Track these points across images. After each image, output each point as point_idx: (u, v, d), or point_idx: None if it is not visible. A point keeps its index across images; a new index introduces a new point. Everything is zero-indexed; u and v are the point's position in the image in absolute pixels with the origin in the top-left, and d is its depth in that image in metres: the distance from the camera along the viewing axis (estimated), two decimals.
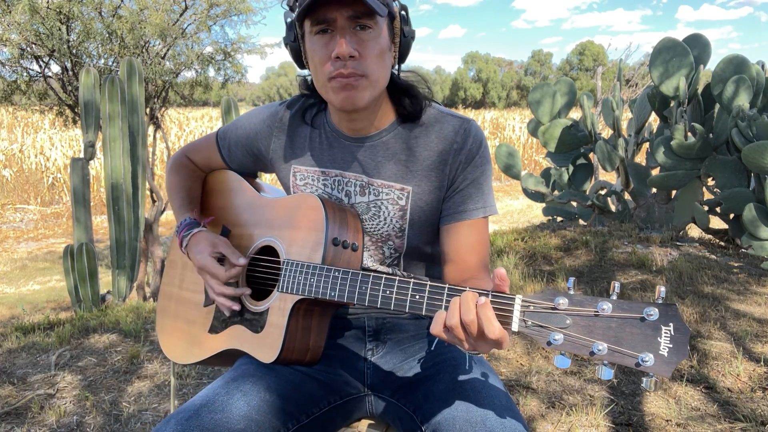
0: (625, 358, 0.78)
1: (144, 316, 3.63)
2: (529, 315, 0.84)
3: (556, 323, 0.82)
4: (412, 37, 1.15)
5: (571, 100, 5.43)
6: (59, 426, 2.24)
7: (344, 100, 1.07)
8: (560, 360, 0.83)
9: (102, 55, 6.72)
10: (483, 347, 0.87)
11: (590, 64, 62.43)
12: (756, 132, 3.99)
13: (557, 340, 0.81)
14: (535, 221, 7.06)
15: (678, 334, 0.77)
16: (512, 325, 0.84)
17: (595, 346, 0.79)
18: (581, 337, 0.80)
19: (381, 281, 0.98)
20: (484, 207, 1.17)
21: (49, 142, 16.54)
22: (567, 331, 0.81)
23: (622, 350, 0.78)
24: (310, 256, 1.10)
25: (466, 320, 0.85)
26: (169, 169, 1.43)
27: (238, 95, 35.52)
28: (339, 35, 1.03)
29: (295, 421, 1.07)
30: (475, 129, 1.17)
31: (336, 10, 1.02)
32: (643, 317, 0.78)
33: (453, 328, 0.87)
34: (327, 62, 1.05)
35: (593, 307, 0.80)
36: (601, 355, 0.79)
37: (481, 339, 0.86)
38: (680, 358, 0.76)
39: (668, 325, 0.77)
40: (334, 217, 1.12)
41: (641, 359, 0.77)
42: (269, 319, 1.13)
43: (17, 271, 8.62)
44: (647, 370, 0.77)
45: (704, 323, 3.03)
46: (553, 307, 0.82)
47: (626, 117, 6.20)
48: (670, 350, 0.77)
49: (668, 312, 0.78)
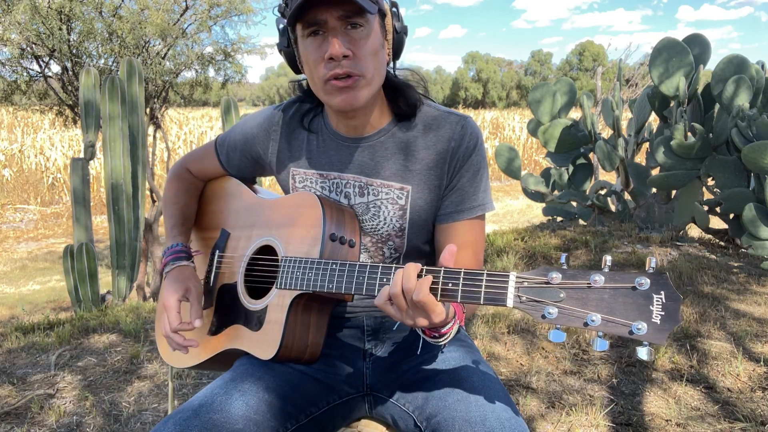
0: (618, 328, 0.79)
1: (144, 316, 3.63)
2: (524, 290, 0.85)
3: (550, 297, 0.83)
4: (405, 33, 1.15)
5: (571, 100, 5.43)
6: (59, 426, 2.24)
7: (342, 102, 1.07)
8: (555, 334, 0.84)
9: (102, 55, 6.73)
10: (419, 319, 0.91)
11: (590, 64, 62.42)
12: (756, 132, 3.99)
13: (551, 313, 0.82)
14: (535, 221, 7.06)
15: (669, 302, 0.78)
16: (507, 300, 0.86)
17: (588, 317, 0.80)
18: (575, 309, 0.82)
19: (378, 271, 0.98)
20: (482, 204, 1.18)
21: (49, 142, 16.54)
22: (561, 305, 0.82)
23: (615, 320, 0.79)
24: (308, 251, 1.10)
25: (405, 288, 0.90)
26: (168, 181, 1.45)
27: (238, 95, 35.51)
28: (331, 36, 1.03)
29: (294, 421, 1.07)
30: (472, 126, 1.17)
31: (326, 11, 1.02)
32: (634, 287, 0.79)
33: (395, 296, 0.91)
34: (321, 64, 1.05)
35: (586, 280, 0.82)
36: (594, 326, 0.80)
37: (416, 308, 0.90)
38: (673, 325, 0.77)
39: (659, 293, 0.78)
40: (332, 213, 1.12)
41: (634, 327, 0.78)
42: (268, 317, 1.14)
43: (17, 271, 8.62)
44: (641, 338, 0.78)
45: (704, 323, 3.03)
46: (546, 282, 0.84)
47: (626, 117, 6.20)
48: (663, 317, 0.77)
49: (659, 280, 0.78)
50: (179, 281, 1.25)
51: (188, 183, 1.44)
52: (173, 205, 1.40)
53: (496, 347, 2.81)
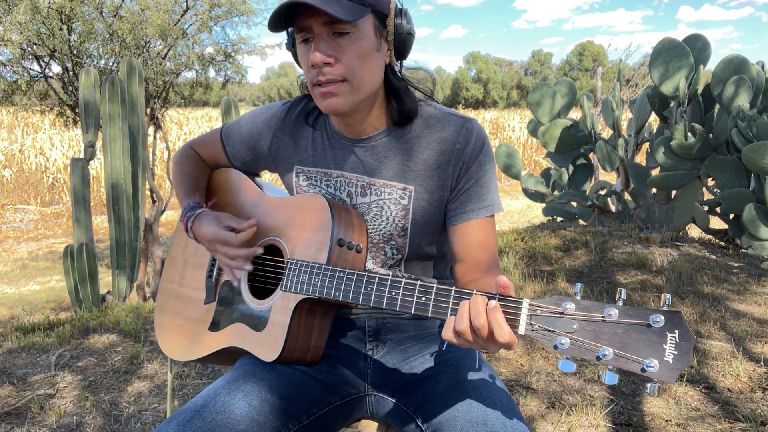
0: (630, 364, 0.79)
1: (144, 316, 3.63)
2: (536, 319, 0.85)
3: (562, 327, 0.83)
4: (410, 33, 1.13)
5: (571, 101, 5.43)
6: (59, 426, 2.24)
7: (326, 106, 1.09)
8: (565, 364, 0.84)
9: (103, 55, 6.72)
10: (492, 348, 0.89)
11: (590, 65, 62.43)
12: (756, 132, 3.99)
13: (564, 344, 0.82)
14: (535, 221, 7.06)
15: (683, 341, 0.78)
16: (519, 328, 0.85)
17: (601, 351, 0.80)
18: (588, 342, 0.81)
19: (387, 282, 0.98)
20: (491, 205, 1.17)
21: (49, 142, 16.54)
22: (573, 336, 0.82)
23: (627, 356, 0.79)
24: (315, 256, 1.10)
25: (476, 325, 0.86)
26: (176, 160, 1.43)
27: (239, 95, 35.48)
28: (314, 43, 1.05)
29: (295, 421, 1.07)
30: (477, 128, 1.17)
31: (311, 18, 1.03)
32: (649, 324, 0.79)
33: (463, 333, 0.88)
34: (308, 69, 1.08)
35: (600, 313, 0.81)
36: (606, 360, 0.80)
37: (490, 342, 0.87)
38: (684, 365, 0.77)
39: (674, 332, 0.78)
40: (340, 217, 1.12)
41: (647, 365, 0.78)
42: (271, 318, 1.13)
43: (17, 271, 8.62)
44: (652, 375, 0.78)
45: (704, 323, 3.03)
46: (560, 312, 0.83)
47: (626, 117, 6.21)
48: (675, 357, 0.77)
49: (674, 319, 0.78)
50: (206, 218, 1.22)
51: (196, 161, 1.42)
52: (185, 177, 1.38)
53: None
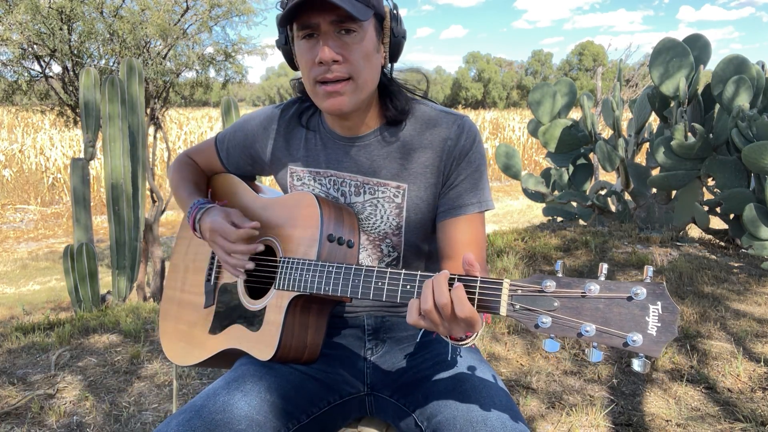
0: (613, 339, 0.77)
1: (144, 316, 3.63)
2: (517, 299, 0.83)
3: (543, 306, 0.81)
4: (404, 36, 1.15)
5: (571, 101, 5.43)
6: (59, 426, 2.24)
7: (330, 105, 1.09)
8: (549, 344, 0.82)
9: (103, 55, 6.73)
10: (456, 330, 0.89)
11: (590, 65, 62.42)
12: (756, 132, 3.99)
13: (545, 323, 0.80)
14: (535, 221, 7.06)
15: (666, 313, 0.75)
16: (500, 309, 0.84)
17: (583, 327, 0.78)
18: (569, 319, 0.79)
19: (373, 273, 0.99)
20: (480, 202, 1.18)
21: (50, 142, 16.55)
22: (555, 314, 0.80)
23: (610, 330, 0.77)
24: (305, 252, 1.10)
25: (440, 303, 0.86)
26: (173, 169, 1.44)
27: (239, 95, 35.47)
28: (322, 40, 1.04)
29: (295, 421, 1.07)
30: (469, 125, 1.18)
31: (319, 15, 1.03)
32: (630, 296, 0.77)
33: (428, 313, 0.88)
34: (312, 66, 1.07)
35: (580, 289, 0.79)
36: (588, 337, 0.78)
37: (453, 321, 0.87)
38: (669, 338, 0.74)
39: (656, 304, 0.76)
40: (329, 214, 1.13)
41: (629, 339, 0.76)
42: (266, 317, 1.14)
43: (17, 271, 8.62)
44: (636, 350, 0.76)
45: (704, 323, 3.03)
46: (540, 290, 0.82)
47: (626, 117, 6.21)
48: (659, 329, 0.75)
49: (656, 291, 0.76)
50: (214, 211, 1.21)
51: (193, 167, 1.44)
52: (184, 182, 1.38)
53: (496, 347, 2.81)
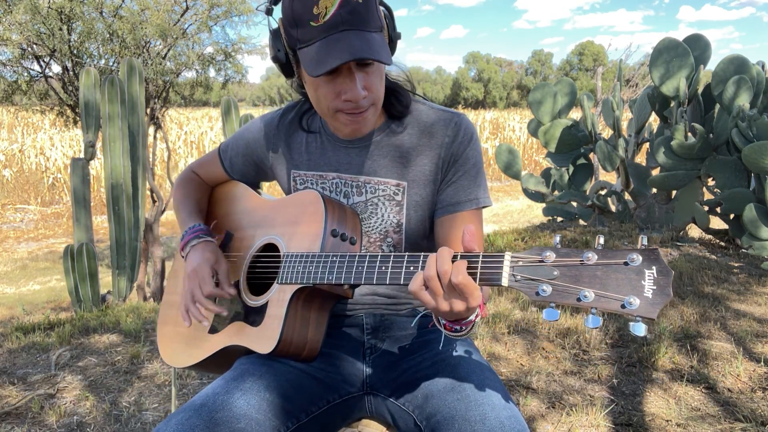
0: (610, 303, 0.80)
1: (144, 316, 3.63)
2: (518, 269, 0.86)
3: (544, 275, 0.84)
4: (399, 38, 1.16)
5: (571, 101, 5.43)
6: (59, 426, 2.24)
7: (352, 132, 1.12)
8: (549, 312, 0.85)
9: (103, 55, 6.73)
10: (457, 303, 0.89)
11: (590, 65, 62.45)
12: (756, 132, 3.99)
13: (545, 290, 0.83)
14: (536, 221, 7.06)
15: (661, 276, 0.78)
16: (502, 279, 0.87)
17: (581, 293, 0.81)
18: (568, 286, 0.82)
19: (377, 258, 1.00)
20: (477, 199, 1.19)
21: (50, 142, 16.56)
22: (555, 282, 0.83)
23: (607, 295, 0.80)
24: (309, 246, 1.11)
25: (441, 270, 0.88)
26: (177, 184, 1.47)
27: (239, 95, 35.49)
28: (349, 79, 1.04)
29: (294, 419, 1.07)
30: (465, 123, 1.19)
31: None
32: (626, 262, 0.80)
33: (430, 280, 0.89)
34: (334, 98, 1.06)
35: (579, 257, 0.83)
36: (587, 302, 0.81)
37: (453, 291, 0.88)
38: (664, 299, 0.77)
39: (651, 268, 0.79)
40: (333, 209, 1.14)
41: (626, 302, 0.78)
42: (268, 311, 1.14)
43: (17, 271, 8.62)
44: (633, 312, 0.78)
45: (704, 323, 3.03)
46: (540, 260, 0.85)
47: (626, 117, 6.21)
48: (654, 292, 0.78)
49: (650, 256, 0.79)
50: (208, 251, 1.24)
51: (197, 183, 1.46)
52: (186, 200, 1.41)
53: (496, 347, 2.81)
